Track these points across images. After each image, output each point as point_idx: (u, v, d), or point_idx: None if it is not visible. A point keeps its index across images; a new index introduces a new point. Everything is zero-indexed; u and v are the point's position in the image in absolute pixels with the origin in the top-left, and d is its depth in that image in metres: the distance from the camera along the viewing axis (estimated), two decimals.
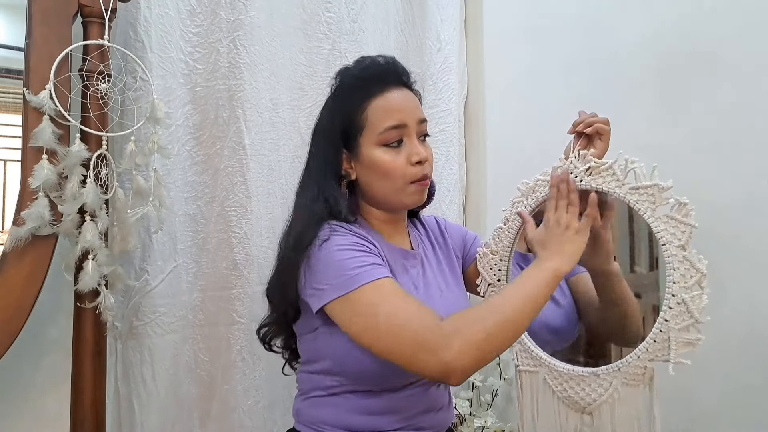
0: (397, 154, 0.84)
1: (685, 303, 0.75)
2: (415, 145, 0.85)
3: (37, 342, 1.04)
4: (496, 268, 0.92)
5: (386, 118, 0.83)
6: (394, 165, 0.84)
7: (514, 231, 0.91)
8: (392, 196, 0.86)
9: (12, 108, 1.05)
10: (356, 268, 0.76)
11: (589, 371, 0.83)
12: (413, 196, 0.86)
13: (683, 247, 0.76)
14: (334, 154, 0.86)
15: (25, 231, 0.88)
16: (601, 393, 0.81)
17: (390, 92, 0.85)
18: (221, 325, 1.19)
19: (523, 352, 0.89)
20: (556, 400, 0.86)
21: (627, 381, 0.80)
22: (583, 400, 0.83)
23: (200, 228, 1.18)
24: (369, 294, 0.75)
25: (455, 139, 1.61)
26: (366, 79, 0.86)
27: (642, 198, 0.79)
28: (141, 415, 1.11)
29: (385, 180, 0.85)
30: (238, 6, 1.21)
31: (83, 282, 0.92)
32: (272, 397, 1.25)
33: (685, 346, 0.76)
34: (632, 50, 1.21)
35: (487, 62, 1.62)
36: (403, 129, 0.84)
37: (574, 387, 0.84)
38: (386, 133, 0.83)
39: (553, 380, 0.86)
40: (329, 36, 1.37)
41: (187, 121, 1.17)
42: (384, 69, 0.88)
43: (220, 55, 1.19)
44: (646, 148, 1.14)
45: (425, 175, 0.86)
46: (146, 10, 1.09)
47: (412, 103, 0.87)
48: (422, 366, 0.71)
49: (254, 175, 1.24)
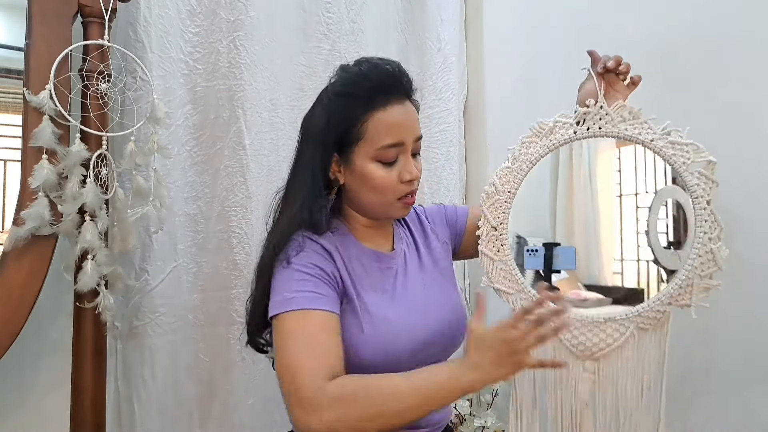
0: (390, 171, 0.83)
1: (712, 252, 0.81)
2: (408, 164, 0.84)
3: (37, 342, 1.04)
4: (500, 210, 0.90)
5: (386, 136, 0.82)
6: (385, 182, 0.83)
7: (523, 172, 0.89)
8: (379, 208, 0.87)
9: (12, 108, 1.05)
10: (294, 292, 0.77)
11: (605, 315, 0.84)
12: (399, 210, 0.87)
13: (708, 202, 0.82)
14: (325, 156, 0.85)
15: (25, 231, 0.88)
16: (616, 338, 0.84)
17: (393, 107, 0.83)
18: (221, 325, 1.19)
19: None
20: (563, 349, 0.86)
21: (643, 325, 0.83)
22: (596, 345, 0.84)
23: (200, 228, 1.18)
24: (291, 322, 0.76)
25: (455, 139, 1.61)
26: (369, 89, 0.83)
27: (678, 153, 0.84)
28: (141, 415, 1.11)
29: (374, 193, 0.84)
30: (238, 6, 1.21)
31: (83, 282, 0.92)
32: (272, 397, 1.25)
33: (704, 291, 0.82)
34: (632, 50, 1.21)
35: (487, 62, 1.62)
36: (400, 147, 0.83)
37: (586, 333, 0.85)
38: (384, 150, 0.82)
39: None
40: (329, 36, 1.37)
41: (187, 121, 1.17)
42: (390, 79, 0.84)
43: (220, 55, 1.19)
44: None
45: (413, 192, 0.86)
46: (146, 10, 1.10)
47: (412, 119, 0.86)
48: (293, 416, 0.73)
49: (254, 175, 1.24)
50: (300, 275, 0.79)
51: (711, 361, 1.02)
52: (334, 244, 0.84)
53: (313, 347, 0.75)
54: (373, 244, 0.90)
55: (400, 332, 0.81)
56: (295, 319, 0.76)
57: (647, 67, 1.17)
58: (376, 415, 0.71)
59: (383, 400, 0.71)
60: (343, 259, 0.84)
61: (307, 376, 0.72)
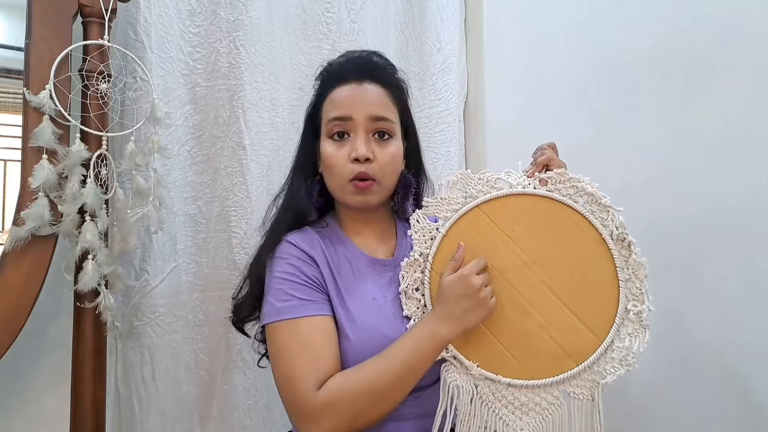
0: (340, 148, 0.83)
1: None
2: (357, 141, 0.82)
3: (37, 342, 1.04)
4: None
5: (333, 110, 0.84)
6: (333, 159, 0.83)
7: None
8: (337, 192, 0.86)
9: (12, 108, 1.05)
10: (282, 302, 0.78)
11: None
12: (352, 196, 0.84)
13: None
14: (305, 144, 0.89)
15: (25, 231, 0.88)
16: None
17: (347, 85, 0.84)
18: (221, 325, 1.19)
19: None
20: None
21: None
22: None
23: (200, 228, 1.18)
24: (281, 333, 0.77)
25: (455, 139, 1.61)
26: (330, 73, 0.88)
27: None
28: (141, 415, 1.11)
29: (329, 174, 0.85)
30: (238, 6, 1.21)
31: (83, 282, 0.92)
32: (272, 397, 1.25)
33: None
34: (632, 50, 1.21)
35: (487, 62, 1.62)
36: (347, 122, 0.82)
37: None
38: (330, 123, 0.84)
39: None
40: (329, 36, 1.37)
41: (187, 121, 1.17)
42: (351, 63, 0.87)
43: (220, 55, 1.19)
44: (645, 148, 1.15)
45: (363, 174, 0.82)
46: (146, 10, 1.09)
47: (367, 97, 0.84)
48: (291, 420, 0.75)
49: (254, 175, 1.24)
50: (287, 284, 0.80)
51: None
52: (319, 247, 0.84)
53: (304, 355, 0.75)
54: (367, 246, 0.89)
55: (385, 342, 0.79)
56: (285, 329, 0.77)
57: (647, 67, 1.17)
58: (370, 401, 0.72)
59: (368, 382, 0.72)
60: (329, 262, 0.84)
61: (300, 387, 0.73)
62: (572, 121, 1.32)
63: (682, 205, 1.09)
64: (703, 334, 1.05)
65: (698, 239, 1.06)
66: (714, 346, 1.03)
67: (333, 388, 0.73)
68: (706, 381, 1.04)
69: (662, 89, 1.14)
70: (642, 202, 1.10)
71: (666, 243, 1.10)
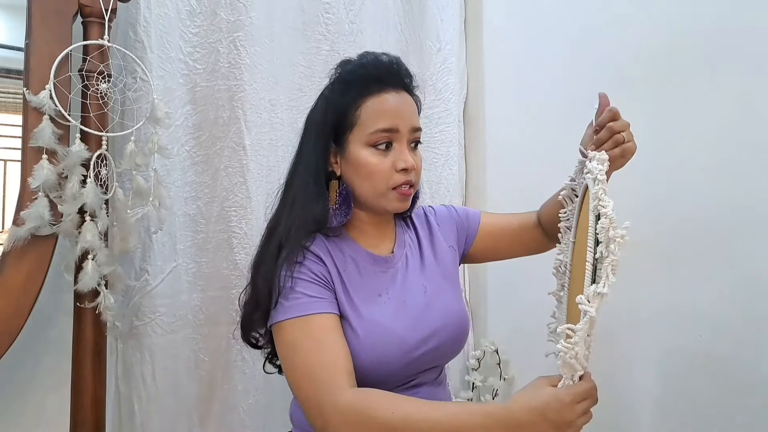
0: (384, 158, 0.83)
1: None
2: (403, 152, 0.83)
3: (37, 342, 1.04)
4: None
5: (378, 120, 0.82)
6: (378, 168, 0.82)
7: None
8: (373, 199, 0.85)
9: (12, 108, 1.05)
10: (292, 300, 0.77)
11: None
12: (394, 203, 0.85)
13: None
14: (323, 146, 0.86)
15: (25, 231, 0.88)
16: None
17: (387, 93, 0.84)
18: (221, 325, 1.19)
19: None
20: None
21: None
22: None
23: (200, 228, 1.18)
24: (293, 331, 0.76)
25: (455, 140, 1.61)
26: (364, 77, 0.85)
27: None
28: (141, 415, 1.11)
29: (368, 181, 0.84)
30: (237, 7, 1.21)
31: (83, 282, 0.92)
32: (272, 397, 1.25)
33: None
34: (632, 50, 1.21)
35: (487, 62, 1.63)
36: (394, 133, 0.83)
37: None
38: (376, 134, 0.82)
39: None
40: (328, 37, 1.37)
41: (187, 121, 1.17)
42: (386, 69, 0.86)
43: (220, 56, 1.19)
44: (645, 148, 1.15)
45: (409, 182, 0.84)
46: (146, 11, 1.10)
47: (408, 108, 0.85)
48: (310, 419, 0.73)
49: (254, 175, 1.24)
50: (295, 282, 0.79)
51: None
52: (326, 248, 0.84)
53: (321, 352, 0.74)
54: (372, 246, 0.90)
55: (391, 337, 0.80)
56: (297, 327, 0.76)
57: (647, 67, 1.18)
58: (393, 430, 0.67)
59: (408, 424, 0.67)
60: (335, 261, 0.84)
61: (322, 385, 0.71)
62: (572, 122, 1.33)
63: (682, 205, 1.09)
64: (703, 334, 1.05)
65: (698, 239, 1.06)
66: (714, 346, 1.03)
67: (367, 399, 0.69)
68: (706, 381, 1.04)
69: (662, 90, 1.14)
70: (642, 202, 1.10)
71: (666, 243, 1.10)
